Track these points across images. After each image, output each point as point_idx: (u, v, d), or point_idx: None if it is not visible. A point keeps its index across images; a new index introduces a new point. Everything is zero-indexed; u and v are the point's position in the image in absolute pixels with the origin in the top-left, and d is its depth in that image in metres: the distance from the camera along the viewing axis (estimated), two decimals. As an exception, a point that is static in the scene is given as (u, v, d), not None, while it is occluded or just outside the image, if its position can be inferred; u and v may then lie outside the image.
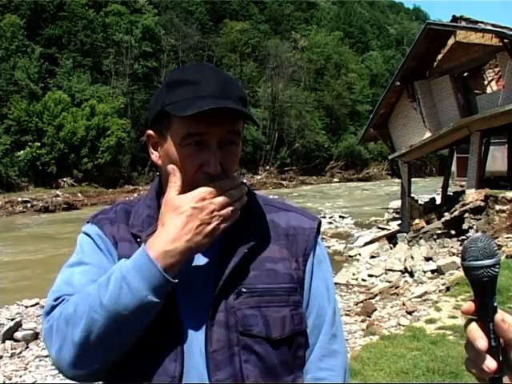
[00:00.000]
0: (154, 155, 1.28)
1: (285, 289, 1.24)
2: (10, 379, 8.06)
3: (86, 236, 1.32)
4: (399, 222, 20.28)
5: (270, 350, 1.21)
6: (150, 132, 1.27)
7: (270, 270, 1.24)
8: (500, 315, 0.88)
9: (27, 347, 9.20)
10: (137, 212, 1.32)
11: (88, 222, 1.36)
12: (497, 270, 0.88)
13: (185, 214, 1.14)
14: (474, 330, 0.89)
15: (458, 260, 12.85)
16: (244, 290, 1.21)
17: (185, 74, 1.24)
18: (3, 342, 9.21)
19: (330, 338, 1.30)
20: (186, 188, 1.18)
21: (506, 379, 0.88)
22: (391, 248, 17.46)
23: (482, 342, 0.87)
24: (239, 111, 1.17)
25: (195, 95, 1.17)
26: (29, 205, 35.18)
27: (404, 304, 10.41)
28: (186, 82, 1.20)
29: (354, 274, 14.89)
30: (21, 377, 8.16)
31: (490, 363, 0.86)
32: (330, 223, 25.53)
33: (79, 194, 40.29)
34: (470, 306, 0.91)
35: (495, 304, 0.89)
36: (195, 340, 1.19)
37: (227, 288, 1.20)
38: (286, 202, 1.44)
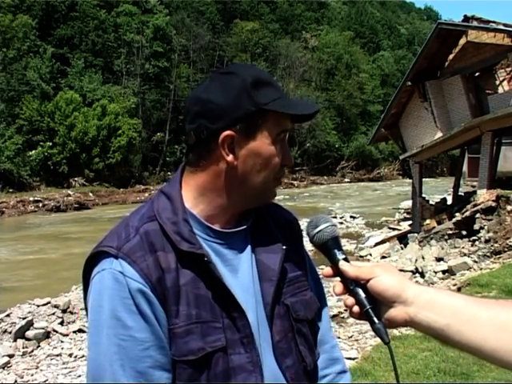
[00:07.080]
0: (230, 157, 1.22)
1: (304, 274, 1.38)
2: (22, 378, 8.11)
3: (116, 287, 1.14)
4: (410, 222, 20.18)
5: (308, 330, 1.35)
6: (230, 133, 1.21)
7: (291, 260, 1.35)
8: (341, 263, 1.13)
9: (39, 346, 9.23)
10: (172, 228, 1.20)
11: (102, 256, 1.18)
12: (322, 234, 1.17)
13: None
14: (335, 283, 1.14)
15: (469, 260, 12.80)
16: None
17: (259, 73, 1.28)
18: (15, 340, 9.25)
19: (328, 315, 1.49)
20: (270, 181, 1.29)
21: (392, 311, 1.08)
22: (402, 248, 17.41)
23: (336, 287, 1.14)
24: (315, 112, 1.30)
25: (281, 96, 1.26)
26: (40, 204, 35.37)
27: (415, 305, 10.36)
28: (267, 83, 1.26)
29: (364, 275, 14.85)
30: (32, 375, 8.20)
31: (348, 300, 1.11)
32: (341, 223, 25.43)
33: (90, 194, 40.44)
34: (328, 269, 1.15)
35: (339, 257, 1.15)
36: (262, 335, 1.26)
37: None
38: None
